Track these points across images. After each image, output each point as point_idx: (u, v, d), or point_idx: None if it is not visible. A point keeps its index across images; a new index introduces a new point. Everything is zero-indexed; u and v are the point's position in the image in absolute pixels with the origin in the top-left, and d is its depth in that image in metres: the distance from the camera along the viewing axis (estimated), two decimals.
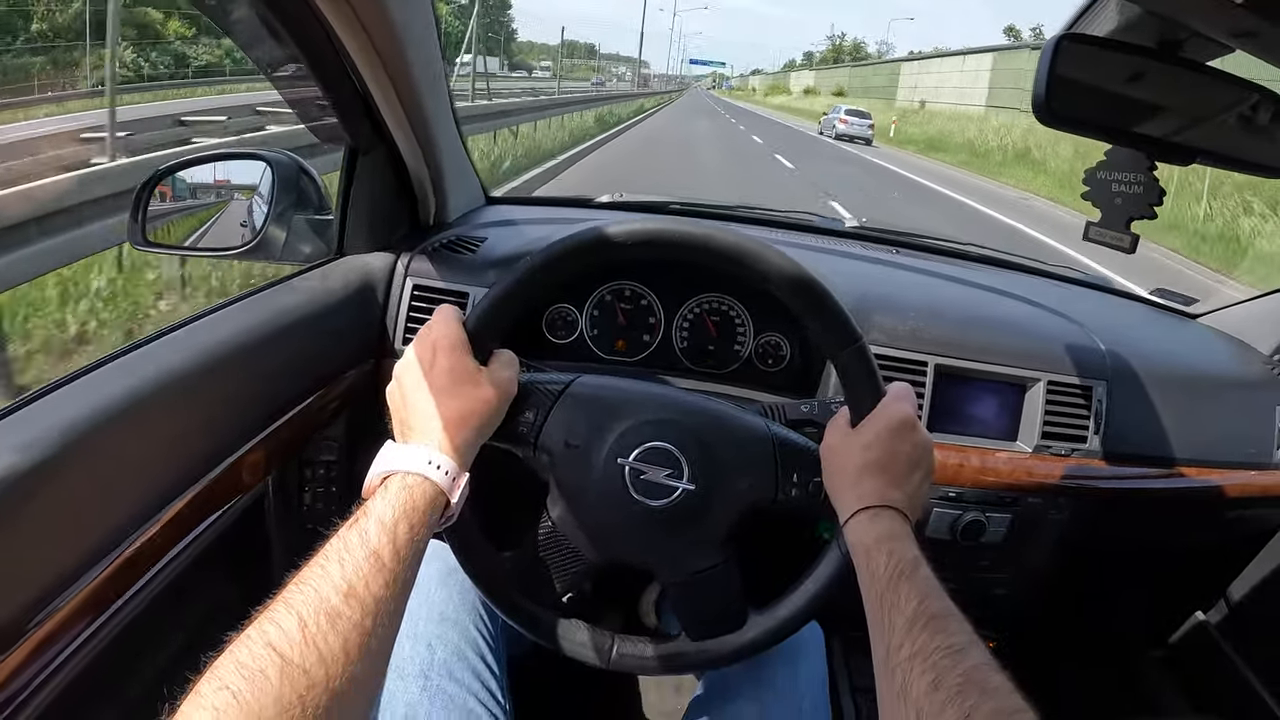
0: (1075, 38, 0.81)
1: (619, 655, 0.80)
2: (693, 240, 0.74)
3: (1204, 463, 1.25)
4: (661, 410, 0.77)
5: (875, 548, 0.67)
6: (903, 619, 0.60)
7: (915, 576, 0.63)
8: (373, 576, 0.56)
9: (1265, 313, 1.48)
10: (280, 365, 0.95)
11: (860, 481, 0.71)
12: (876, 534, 0.68)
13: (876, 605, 0.64)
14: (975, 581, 1.19)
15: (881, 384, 0.76)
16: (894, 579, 0.64)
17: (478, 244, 1.19)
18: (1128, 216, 0.87)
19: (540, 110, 14.27)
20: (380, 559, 0.57)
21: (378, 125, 1.02)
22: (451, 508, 0.67)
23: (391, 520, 0.60)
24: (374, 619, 0.54)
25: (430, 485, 0.65)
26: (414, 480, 0.64)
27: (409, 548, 0.60)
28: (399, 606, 0.58)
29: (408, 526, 0.60)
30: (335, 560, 0.56)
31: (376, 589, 0.55)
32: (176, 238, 1.20)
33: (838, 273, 1.25)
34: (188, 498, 0.78)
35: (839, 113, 30.13)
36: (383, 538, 0.58)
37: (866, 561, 0.67)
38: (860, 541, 0.69)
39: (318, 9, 0.81)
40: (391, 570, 0.57)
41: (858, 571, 0.68)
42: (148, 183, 1.09)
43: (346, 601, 0.53)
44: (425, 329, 0.74)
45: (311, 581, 0.54)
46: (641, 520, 0.76)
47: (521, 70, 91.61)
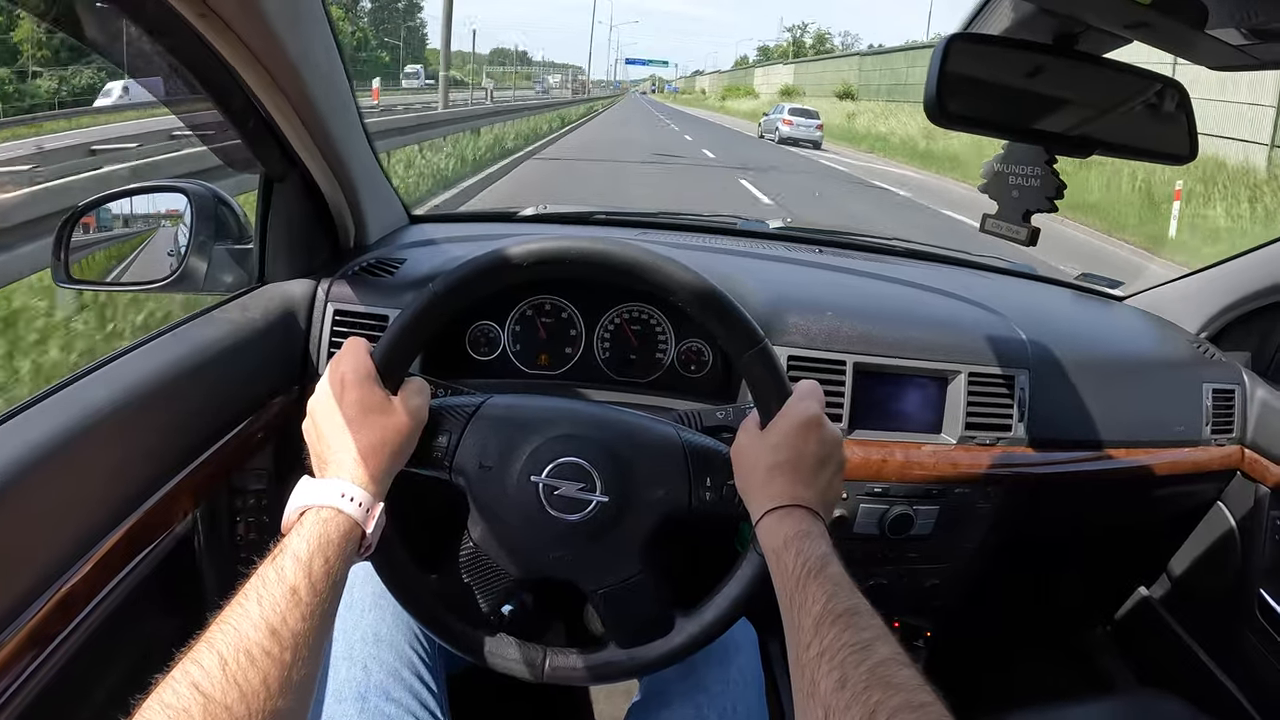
0: (967, 37, 0.82)
1: (551, 669, 0.81)
2: (590, 256, 0.75)
3: (1133, 443, 1.27)
4: (571, 425, 0.78)
5: (784, 548, 0.67)
6: (810, 618, 0.60)
7: (823, 574, 0.63)
8: (290, 612, 0.57)
9: (1190, 292, 1.51)
10: (204, 398, 0.95)
11: (770, 482, 0.72)
12: (785, 534, 0.68)
13: (787, 605, 0.64)
14: (907, 574, 1.21)
15: (787, 384, 0.77)
16: (802, 578, 0.64)
17: (398, 265, 1.18)
18: (1025, 209, 0.87)
19: (417, 131, 10.35)
20: (297, 594, 0.58)
21: (288, 152, 1.01)
22: (368, 538, 0.68)
23: (307, 555, 0.61)
24: (293, 653, 0.56)
25: (344, 518, 0.65)
26: (328, 514, 0.65)
27: (325, 581, 0.61)
28: (320, 639, 0.59)
29: (323, 560, 0.62)
30: (254, 598, 0.57)
31: (295, 624, 0.57)
32: (101, 272, 1.19)
33: (755, 275, 1.25)
34: (117, 535, 0.78)
35: (782, 112, 26.23)
36: (299, 573, 0.60)
37: (777, 561, 0.67)
38: (770, 542, 0.69)
39: (212, 46, 0.80)
40: (309, 604, 0.58)
41: (771, 572, 0.68)
42: (68, 220, 1.08)
43: (267, 639, 0.55)
44: (334, 362, 0.74)
45: (232, 620, 0.56)
46: (559, 535, 0.77)
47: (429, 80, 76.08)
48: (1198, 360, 1.41)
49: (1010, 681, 1.61)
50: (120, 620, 0.83)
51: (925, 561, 1.21)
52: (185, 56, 0.84)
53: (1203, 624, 1.50)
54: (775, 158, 18.78)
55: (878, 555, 1.17)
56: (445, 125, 11.79)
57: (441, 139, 11.30)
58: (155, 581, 0.90)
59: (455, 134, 11.98)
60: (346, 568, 0.65)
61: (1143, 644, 1.64)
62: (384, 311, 1.10)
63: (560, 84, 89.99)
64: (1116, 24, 0.78)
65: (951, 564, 1.22)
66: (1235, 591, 1.40)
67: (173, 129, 6.22)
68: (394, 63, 75.61)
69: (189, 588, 1.04)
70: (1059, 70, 0.83)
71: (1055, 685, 1.63)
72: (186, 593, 1.03)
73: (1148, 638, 1.62)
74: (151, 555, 0.87)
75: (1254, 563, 1.37)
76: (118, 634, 0.83)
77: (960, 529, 1.19)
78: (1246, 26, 0.72)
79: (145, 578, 0.87)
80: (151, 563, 0.89)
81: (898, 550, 1.17)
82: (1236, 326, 1.46)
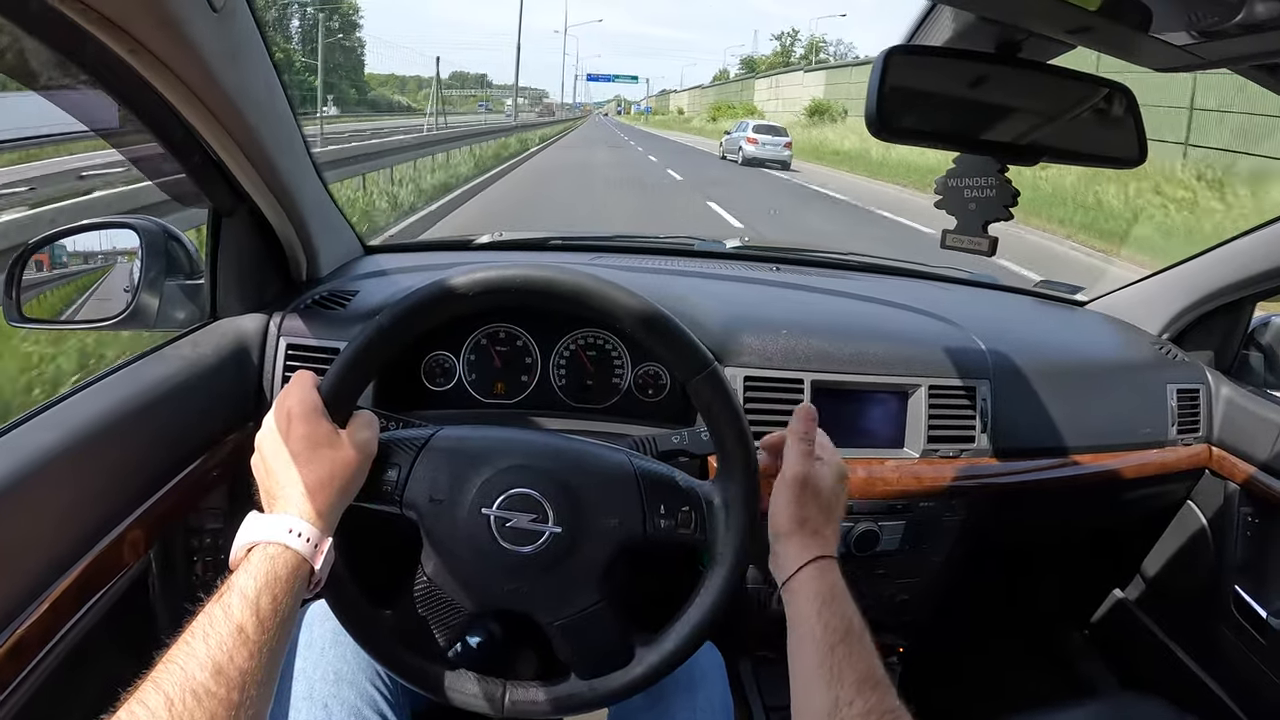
0: (907, 49, 0.82)
1: (511, 702, 0.80)
2: (534, 284, 0.74)
3: (1100, 447, 1.28)
4: (521, 456, 0.77)
5: (831, 603, 0.71)
6: (854, 675, 0.66)
7: (863, 640, 0.69)
8: (237, 650, 0.56)
9: (1151, 294, 1.52)
10: (155, 437, 0.93)
11: (796, 528, 0.76)
12: (825, 587, 0.73)
13: (826, 654, 0.68)
14: (876, 591, 1.20)
15: (737, 406, 0.76)
16: (846, 636, 0.69)
17: (350, 297, 1.17)
18: (983, 220, 0.87)
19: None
20: (244, 632, 0.58)
21: (235, 186, 0.99)
22: (317, 574, 0.67)
23: (254, 592, 0.60)
24: (241, 692, 0.55)
25: (292, 554, 0.65)
26: (275, 550, 0.64)
27: (274, 619, 0.60)
28: (269, 677, 0.59)
29: (271, 598, 0.61)
30: (200, 637, 0.57)
31: (242, 662, 0.56)
32: (54, 310, 1.18)
33: (711, 296, 1.25)
34: (69, 578, 0.77)
35: (746, 130, 23.36)
36: (246, 611, 0.59)
37: (817, 610, 0.71)
38: (810, 591, 0.73)
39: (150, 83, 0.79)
40: (257, 642, 0.58)
41: (799, 616, 0.72)
42: (18, 258, 1.07)
43: (213, 678, 0.54)
44: (281, 396, 0.73)
45: (178, 659, 0.55)
46: (513, 567, 0.76)
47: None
48: (1161, 361, 1.41)
49: (989, 691, 1.61)
50: (74, 664, 0.81)
51: (894, 577, 1.20)
52: (122, 93, 0.83)
53: (1179, 623, 1.50)
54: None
55: (845, 573, 1.16)
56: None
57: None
58: (110, 624, 0.89)
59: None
60: (295, 605, 0.64)
61: (1120, 646, 1.64)
62: (337, 345, 1.09)
63: (522, 107, 78.39)
64: (1059, 30, 0.78)
65: (921, 578, 1.22)
66: (1209, 589, 1.40)
67: (81, 168, 6.10)
68: (327, 86, 68.35)
69: (145, 629, 1.03)
70: (1003, 79, 0.83)
71: (1035, 692, 1.63)
72: (142, 634, 1.02)
73: (1125, 639, 1.62)
74: (105, 597, 0.86)
75: (1227, 559, 1.38)
76: (73, 678, 0.82)
77: (927, 543, 1.18)
78: (1191, 28, 0.72)
79: (99, 620, 0.86)
80: (105, 605, 0.88)
81: (865, 567, 1.17)
82: (1197, 326, 1.47)
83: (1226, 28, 0.69)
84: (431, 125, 22.36)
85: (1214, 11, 0.68)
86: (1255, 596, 1.30)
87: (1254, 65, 0.79)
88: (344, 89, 54.17)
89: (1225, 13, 0.66)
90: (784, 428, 0.90)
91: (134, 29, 0.70)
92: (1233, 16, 0.65)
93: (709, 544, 0.78)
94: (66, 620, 0.77)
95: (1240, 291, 1.37)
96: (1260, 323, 1.46)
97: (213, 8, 0.75)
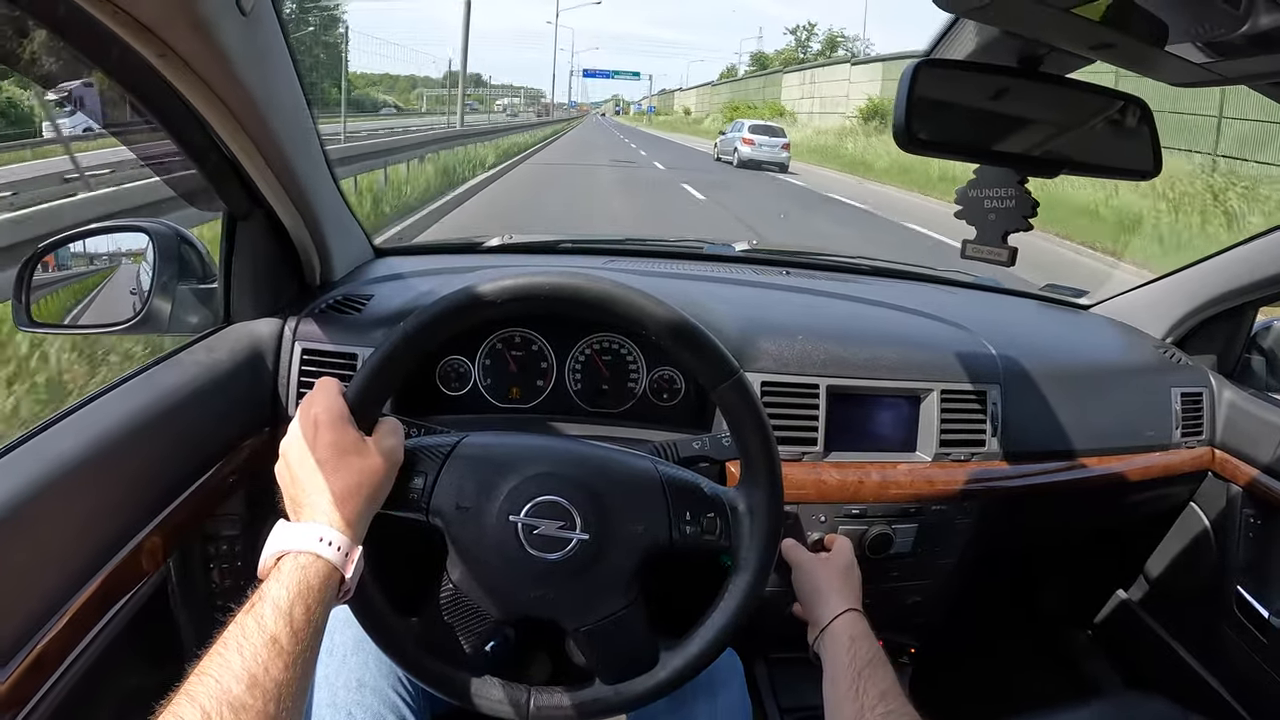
0: (934, 62, 0.82)
1: (536, 708, 0.80)
2: (562, 291, 0.75)
3: (1106, 450, 1.29)
4: (547, 463, 0.77)
5: (859, 639, 0.89)
6: (876, 690, 0.81)
7: (886, 665, 0.85)
8: (272, 661, 0.56)
9: (1154, 298, 1.54)
10: (172, 444, 0.93)
11: (841, 591, 0.97)
12: (856, 630, 0.90)
13: (855, 677, 0.83)
14: (889, 593, 1.21)
15: (762, 413, 0.77)
16: (871, 662, 0.85)
17: (365, 301, 1.16)
18: (1003, 231, 0.88)
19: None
20: (279, 643, 0.58)
21: (251, 190, 0.99)
22: (347, 583, 0.67)
23: (287, 603, 0.60)
24: (277, 704, 0.55)
25: (323, 563, 0.65)
26: (306, 559, 0.64)
27: (307, 629, 0.60)
28: (302, 686, 0.59)
29: (304, 608, 0.61)
30: (234, 648, 0.56)
31: (277, 673, 0.56)
32: (62, 314, 1.16)
33: (725, 300, 1.25)
34: (89, 590, 0.76)
35: (741, 130, 21.80)
36: (280, 621, 0.59)
37: (849, 645, 0.88)
38: (846, 632, 0.90)
39: (173, 86, 0.78)
40: (291, 653, 0.58)
41: (835, 650, 0.89)
42: (28, 261, 1.06)
43: (249, 690, 0.54)
44: (305, 403, 0.73)
45: (212, 672, 0.55)
46: (540, 574, 0.76)
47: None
48: (1165, 365, 1.43)
49: (995, 691, 1.62)
50: (96, 677, 0.81)
51: (906, 579, 1.21)
52: (144, 95, 0.82)
53: (1182, 623, 1.52)
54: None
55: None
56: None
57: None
58: (131, 634, 0.89)
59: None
60: (326, 613, 0.64)
61: (1125, 646, 1.66)
62: (352, 350, 1.08)
63: (508, 108, 75.35)
64: (1080, 45, 0.78)
65: (932, 580, 1.23)
66: (1213, 590, 1.42)
67: (65, 171, 5.93)
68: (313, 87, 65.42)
69: (165, 638, 1.02)
70: (1024, 92, 0.84)
71: (1041, 692, 1.64)
72: (163, 644, 1.02)
73: (1129, 640, 1.64)
74: (126, 608, 0.86)
75: (1230, 560, 1.40)
76: (94, 691, 0.82)
77: (939, 545, 1.19)
78: (1205, 42, 0.73)
79: (120, 631, 0.87)
80: (126, 616, 0.88)
81: (878, 569, 1.17)
82: (1201, 331, 1.49)
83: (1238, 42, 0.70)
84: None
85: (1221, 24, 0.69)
86: (1258, 597, 1.32)
87: (1271, 82, 0.80)
88: (325, 88, 51.53)
89: (1232, 24, 0.67)
90: (800, 431, 1.12)
91: (165, 33, 0.70)
92: (1239, 28, 0.66)
93: (733, 549, 0.79)
94: (87, 632, 0.76)
95: (1243, 296, 1.39)
96: (1262, 327, 1.48)
97: (242, 11, 0.75)
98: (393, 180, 9.44)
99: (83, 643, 0.76)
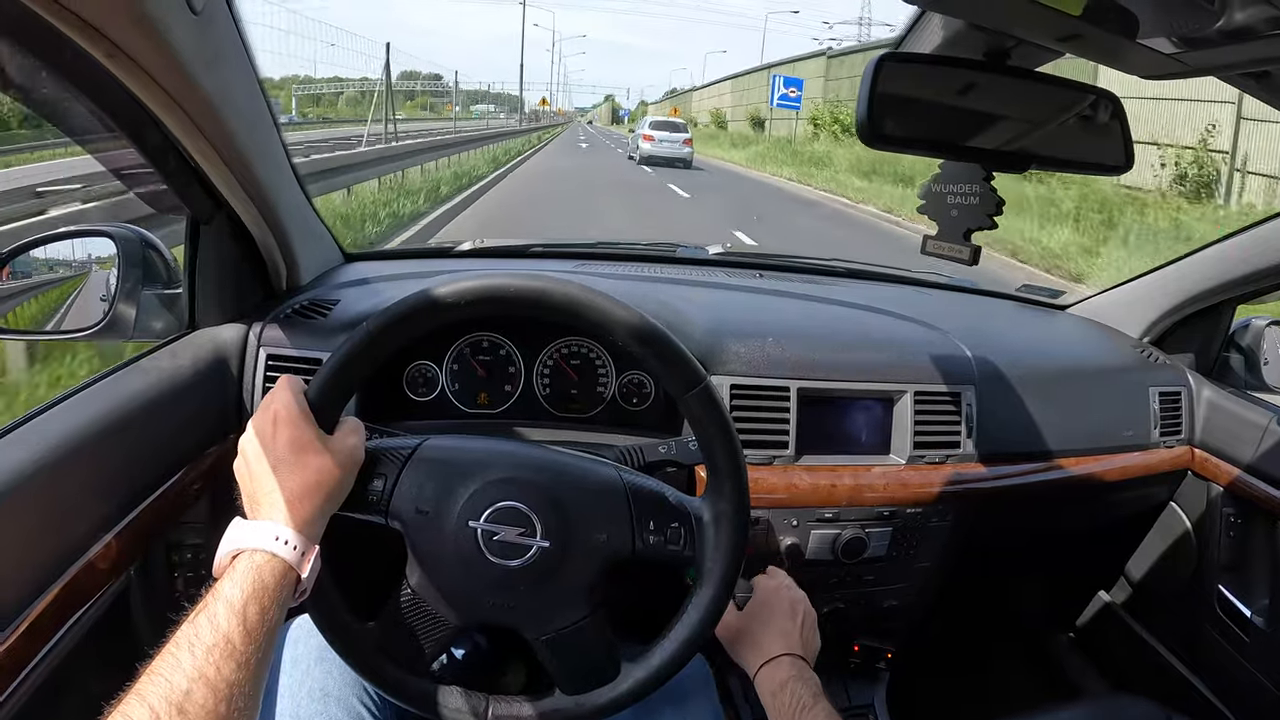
0: (898, 56, 0.81)
1: (494, 718, 0.79)
2: (527, 294, 0.73)
3: (1084, 451, 1.29)
4: (509, 468, 0.76)
5: (780, 689, 0.85)
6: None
7: (816, 707, 0.83)
8: (224, 662, 0.55)
9: (1132, 298, 1.54)
10: (133, 451, 0.91)
11: (759, 643, 0.91)
12: (779, 678, 0.86)
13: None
14: (864, 597, 1.20)
15: (729, 422, 0.76)
16: (798, 711, 0.82)
17: (331, 306, 1.15)
18: (965, 228, 0.87)
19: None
20: (231, 643, 0.57)
21: (213, 193, 0.97)
22: (303, 583, 0.66)
23: (240, 602, 0.60)
24: (228, 704, 0.54)
25: (279, 562, 0.64)
26: (261, 558, 0.63)
27: (261, 628, 0.59)
28: (255, 688, 0.58)
29: (258, 607, 0.60)
30: (185, 648, 0.56)
31: (229, 673, 0.55)
32: (26, 320, 1.15)
33: (695, 303, 1.24)
34: (45, 600, 0.74)
35: (643, 127, 22.64)
36: (232, 621, 0.58)
37: (774, 700, 0.85)
38: (767, 685, 0.87)
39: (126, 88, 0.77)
40: (243, 653, 0.57)
41: (767, 709, 0.86)
42: None
43: (200, 690, 0.53)
44: (266, 400, 0.72)
45: (163, 671, 0.54)
46: (499, 581, 0.75)
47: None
48: (1142, 364, 1.43)
49: (976, 695, 1.61)
50: (54, 688, 0.79)
51: (882, 583, 1.20)
52: (98, 97, 0.81)
53: (1164, 623, 1.52)
54: None
55: (833, 580, 1.17)
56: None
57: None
58: (90, 645, 0.86)
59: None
60: (282, 614, 0.63)
61: (1107, 647, 1.65)
62: (318, 355, 1.07)
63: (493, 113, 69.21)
64: (1048, 37, 0.78)
65: (909, 584, 1.22)
66: (1194, 589, 1.41)
67: (36, 184, 5.74)
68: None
69: (127, 649, 1.00)
70: (992, 86, 0.83)
71: (1023, 695, 1.64)
72: (124, 654, 0.99)
73: (1111, 641, 1.63)
74: (85, 618, 0.84)
75: (1210, 559, 1.39)
76: (52, 702, 0.80)
77: (915, 549, 1.18)
78: (1176, 34, 0.72)
79: (79, 642, 0.84)
80: (85, 626, 0.86)
81: (853, 574, 1.16)
82: (1178, 329, 1.49)
83: (1209, 35, 0.69)
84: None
85: (1195, 18, 0.69)
86: (1239, 595, 1.32)
87: (1241, 73, 0.79)
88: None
89: (1206, 19, 0.66)
90: (770, 435, 1.08)
91: (111, 32, 0.68)
92: (1213, 23, 0.66)
93: (697, 560, 0.77)
94: (44, 643, 0.75)
95: (1221, 295, 1.38)
96: (1240, 325, 1.48)
97: (193, 10, 0.73)
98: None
99: (41, 652, 0.75)
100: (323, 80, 78.04)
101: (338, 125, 36.92)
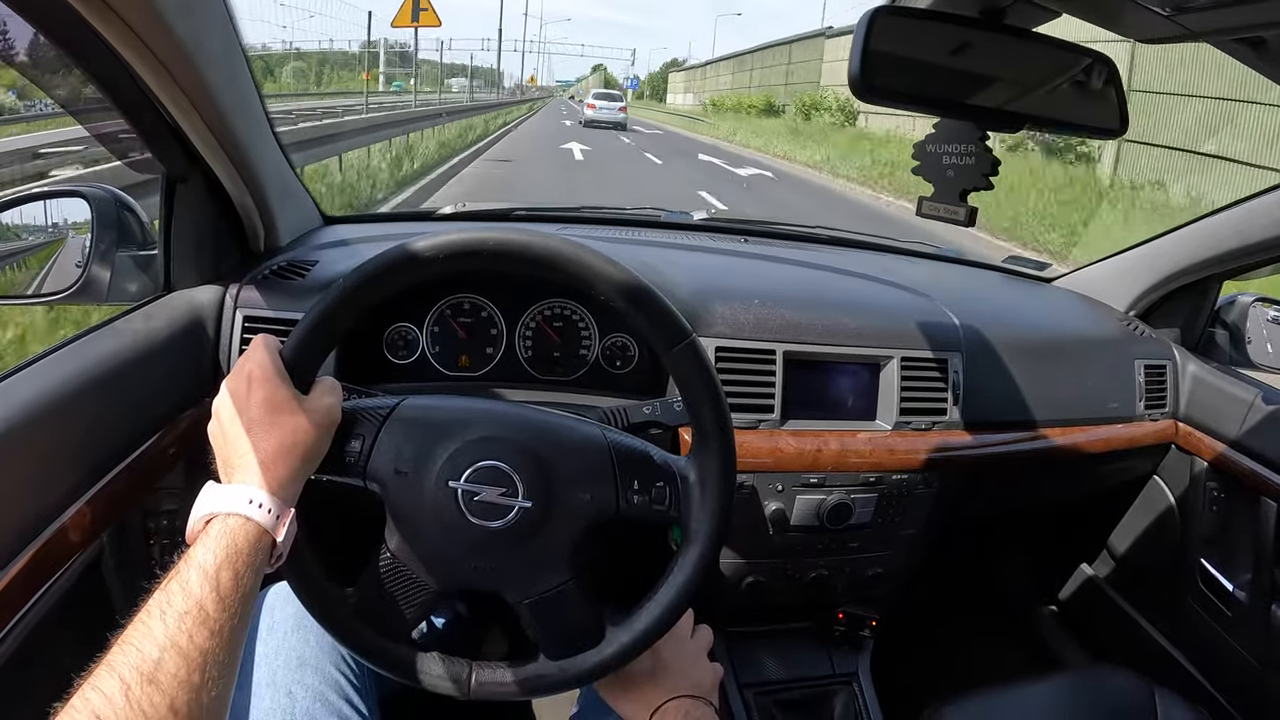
0: (892, 9, 0.80)
1: (478, 684, 0.77)
2: (508, 247, 0.71)
3: (1068, 421, 1.28)
4: (490, 427, 0.74)
5: None
6: None
7: None
8: (196, 629, 0.54)
9: (1118, 271, 1.54)
10: (104, 415, 0.89)
11: (651, 688, 0.81)
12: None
13: None
14: (849, 564, 1.19)
15: (715, 379, 0.74)
16: None
17: (309, 267, 1.13)
18: (961, 189, 0.86)
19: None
20: (204, 610, 0.55)
21: (190, 150, 0.95)
22: (279, 547, 0.64)
23: (214, 567, 0.58)
24: (202, 673, 0.52)
25: (253, 526, 0.62)
26: (235, 522, 0.61)
27: (235, 594, 0.57)
28: (231, 656, 0.56)
29: (232, 572, 0.58)
30: (157, 615, 0.54)
31: (202, 641, 0.53)
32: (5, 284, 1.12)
33: (680, 265, 1.23)
34: (15, 568, 0.72)
35: (588, 98, 30.55)
36: (205, 587, 0.56)
37: None
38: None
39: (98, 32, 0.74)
40: (217, 620, 0.55)
41: None
42: None
43: (172, 658, 0.52)
44: (241, 360, 0.70)
45: (134, 640, 0.52)
46: (480, 543, 0.73)
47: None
48: (1128, 337, 1.43)
49: (960, 664, 1.62)
50: (25, 659, 0.77)
51: (866, 550, 1.19)
52: (71, 46, 0.78)
53: (1147, 596, 1.53)
54: None
55: (817, 546, 1.16)
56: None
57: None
58: (62, 614, 0.85)
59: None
60: (257, 580, 0.61)
61: (1089, 620, 1.66)
62: (295, 316, 1.04)
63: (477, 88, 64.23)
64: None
65: (893, 551, 1.21)
66: (1176, 563, 1.42)
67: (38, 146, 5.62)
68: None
69: (100, 618, 0.98)
70: (987, 45, 0.81)
71: (1005, 665, 1.65)
72: (97, 623, 0.97)
73: (1094, 613, 1.65)
74: (56, 586, 0.82)
75: (1193, 533, 1.40)
76: (23, 673, 0.78)
77: (900, 515, 1.18)
78: None
79: (50, 610, 0.83)
80: (56, 594, 0.84)
81: (838, 540, 1.16)
82: (1164, 304, 1.49)
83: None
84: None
85: None
86: (1221, 570, 1.32)
87: (1236, 39, 0.78)
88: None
89: None
90: (756, 399, 1.04)
91: None
92: None
93: (683, 521, 0.76)
94: (14, 614, 0.73)
95: (1207, 270, 1.38)
96: (1226, 301, 1.48)
97: None
98: None
99: (9, 623, 0.73)
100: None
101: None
